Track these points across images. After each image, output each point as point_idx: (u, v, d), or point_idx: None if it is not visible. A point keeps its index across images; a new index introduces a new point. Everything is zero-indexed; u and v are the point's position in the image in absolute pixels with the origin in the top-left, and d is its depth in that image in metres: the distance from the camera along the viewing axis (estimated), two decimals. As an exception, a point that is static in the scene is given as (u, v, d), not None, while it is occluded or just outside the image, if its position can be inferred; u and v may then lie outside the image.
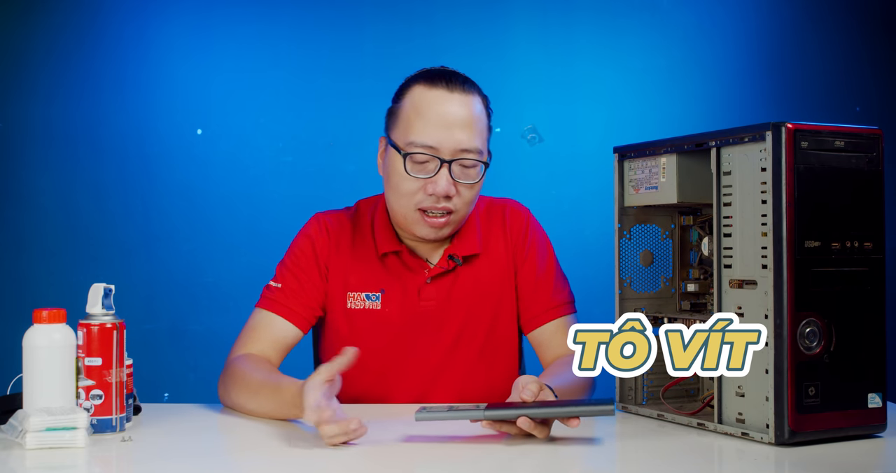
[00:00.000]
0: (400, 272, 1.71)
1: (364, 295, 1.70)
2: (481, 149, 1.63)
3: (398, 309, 1.69)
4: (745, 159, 1.34)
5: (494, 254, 1.74)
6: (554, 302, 1.72)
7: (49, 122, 2.89)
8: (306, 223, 1.77)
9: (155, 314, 2.88)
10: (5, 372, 1.48)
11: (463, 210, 1.65)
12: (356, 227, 1.75)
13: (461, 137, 1.60)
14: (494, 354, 1.72)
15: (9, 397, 1.44)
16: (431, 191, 1.60)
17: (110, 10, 2.91)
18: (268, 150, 2.94)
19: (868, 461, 1.26)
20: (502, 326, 1.73)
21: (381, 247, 1.70)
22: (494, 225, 1.76)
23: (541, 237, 1.78)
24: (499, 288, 1.73)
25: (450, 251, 1.71)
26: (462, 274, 1.72)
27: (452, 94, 1.62)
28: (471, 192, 1.64)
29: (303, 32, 2.97)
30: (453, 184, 1.61)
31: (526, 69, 2.98)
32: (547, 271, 1.74)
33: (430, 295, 1.70)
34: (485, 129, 1.66)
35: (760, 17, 3.13)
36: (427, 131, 1.60)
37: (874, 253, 1.34)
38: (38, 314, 1.38)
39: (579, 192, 2.94)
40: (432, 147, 1.60)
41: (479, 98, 1.66)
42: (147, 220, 2.90)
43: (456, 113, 1.61)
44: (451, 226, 1.66)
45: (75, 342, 1.38)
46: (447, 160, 1.60)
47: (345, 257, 1.72)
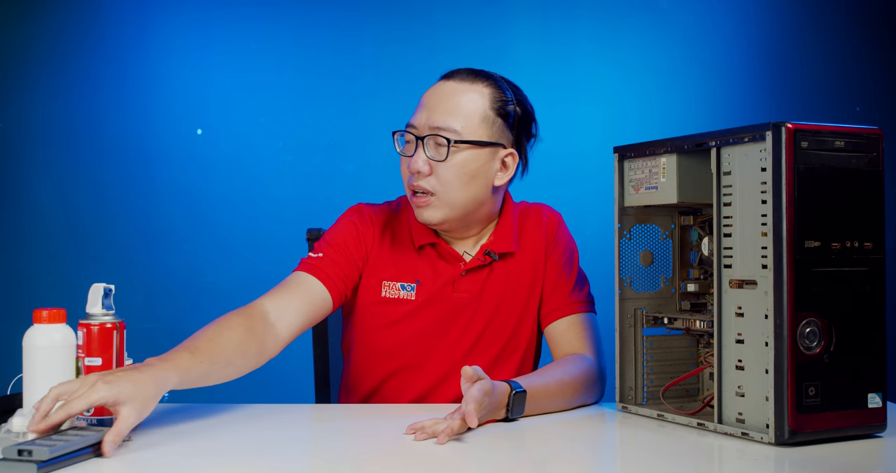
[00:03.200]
0: (436, 263, 1.73)
1: (399, 284, 1.73)
2: (457, 128, 1.64)
3: (432, 299, 1.72)
4: (746, 159, 1.34)
5: (529, 254, 1.76)
6: (570, 299, 1.73)
7: (49, 122, 2.89)
8: (348, 210, 1.79)
9: (155, 314, 2.88)
10: (5, 372, 1.48)
11: (446, 193, 1.65)
12: (396, 220, 1.78)
13: (435, 115, 1.64)
14: (516, 349, 1.75)
15: (9, 397, 1.44)
16: (411, 169, 1.65)
17: (110, 11, 2.91)
18: (268, 150, 2.94)
19: (868, 461, 1.26)
20: (527, 323, 1.76)
21: (418, 240, 1.73)
22: (531, 226, 1.79)
23: (568, 239, 1.81)
24: (529, 287, 1.75)
25: (486, 247, 1.73)
26: (496, 270, 1.74)
27: (447, 82, 1.68)
28: (450, 172, 1.64)
29: (303, 32, 2.97)
30: (426, 162, 1.64)
31: (526, 69, 2.97)
32: (568, 269, 1.77)
33: (464, 287, 1.73)
34: (476, 114, 1.65)
35: (760, 17, 3.13)
36: (414, 114, 1.68)
37: (874, 253, 1.34)
38: (38, 314, 1.38)
39: (579, 192, 2.94)
40: (412, 125, 1.67)
41: (481, 87, 1.67)
42: (147, 220, 2.90)
43: (440, 96, 1.66)
44: (439, 211, 1.66)
45: (75, 342, 1.38)
46: (420, 137, 1.65)
47: (384, 247, 1.75)
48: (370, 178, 2.93)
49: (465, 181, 1.66)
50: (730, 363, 1.36)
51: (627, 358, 1.57)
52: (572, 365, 1.63)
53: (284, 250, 1.81)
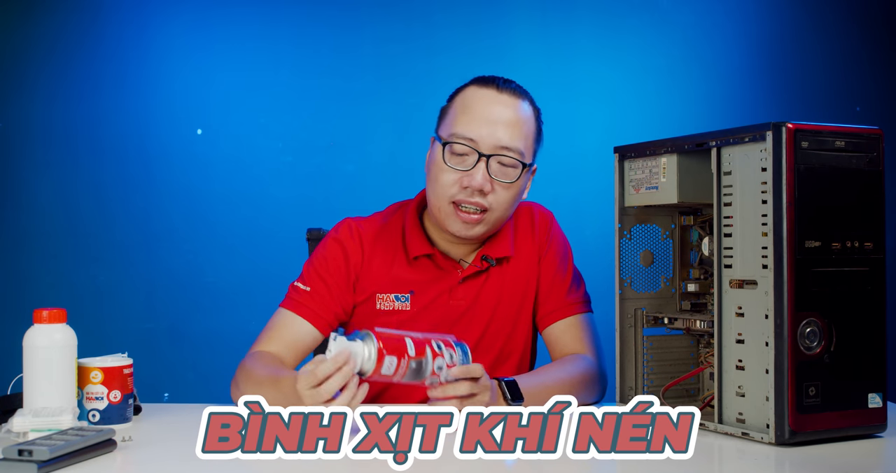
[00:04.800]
0: (432, 273, 1.72)
1: (393, 296, 1.71)
2: (523, 150, 1.64)
3: (427, 309, 1.71)
4: (746, 159, 1.34)
5: (523, 257, 1.76)
6: (567, 300, 1.73)
7: (49, 122, 2.89)
8: (335, 228, 1.77)
9: (155, 314, 2.88)
10: (5, 372, 1.48)
11: (499, 211, 1.65)
12: (387, 232, 1.75)
13: (502, 134, 1.62)
14: (513, 352, 1.74)
15: (9, 397, 1.44)
16: (467, 184, 1.62)
17: (110, 11, 2.91)
18: (268, 150, 2.94)
19: (868, 461, 1.26)
20: (523, 325, 1.75)
21: (413, 251, 1.71)
22: (523, 226, 1.78)
23: (561, 238, 1.80)
24: (523, 290, 1.75)
25: (483, 252, 1.72)
26: (492, 276, 1.74)
27: (501, 95, 1.65)
28: (507, 193, 1.65)
29: (303, 32, 2.97)
30: (489, 181, 1.62)
31: (526, 69, 2.97)
32: (563, 270, 1.76)
33: (461, 294, 1.72)
34: (531, 135, 1.67)
35: (760, 17, 3.13)
36: (470, 125, 1.63)
37: (874, 253, 1.34)
38: (38, 314, 1.38)
39: (579, 192, 2.94)
40: (472, 139, 1.62)
41: (529, 104, 1.69)
42: (147, 220, 2.90)
43: (501, 111, 1.64)
44: (485, 227, 1.66)
45: (75, 342, 1.38)
46: (486, 154, 1.61)
47: (374, 262, 1.73)
48: (370, 178, 2.93)
49: (515, 201, 1.69)
50: (730, 363, 1.36)
51: (627, 358, 1.57)
52: (572, 365, 1.63)
53: (284, 250, 1.81)
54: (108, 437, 1.27)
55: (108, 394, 1.44)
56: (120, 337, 2.80)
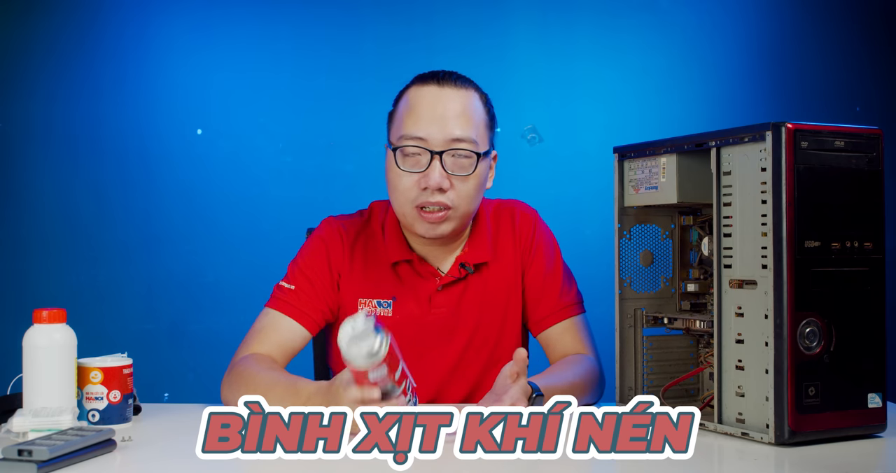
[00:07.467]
0: (411, 280, 1.70)
1: (375, 301, 1.70)
2: (475, 139, 1.61)
3: (409, 316, 1.69)
4: (745, 159, 1.34)
5: (504, 260, 1.73)
6: (561, 303, 1.72)
7: (49, 122, 2.89)
8: (319, 226, 1.76)
9: (155, 314, 2.88)
10: (5, 372, 1.48)
11: (463, 206, 1.63)
12: (368, 234, 1.73)
13: (452, 127, 1.59)
14: (501, 357, 1.71)
15: (9, 397, 1.44)
16: (425, 185, 1.59)
17: (110, 11, 2.91)
18: (268, 150, 2.94)
19: (868, 461, 1.26)
20: (510, 330, 1.73)
21: (392, 256, 1.69)
22: (504, 228, 1.75)
23: (548, 239, 1.77)
24: (506, 294, 1.72)
25: (461, 259, 1.71)
26: (472, 282, 1.71)
27: (443, 89, 1.62)
28: (468, 186, 1.62)
29: (303, 32, 2.97)
30: (447, 177, 1.59)
31: (526, 69, 2.97)
32: (554, 273, 1.73)
33: (442, 302, 1.70)
34: (481, 122, 1.64)
35: (760, 17, 3.13)
36: (418, 124, 1.60)
37: (874, 253, 1.34)
38: (38, 314, 1.38)
39: (579, 192, 2.94)
40: (422, 138, 1.60)
41: (474, 92, 1.65)
42: (147, 220, 2.90)
43: (445, 105, 1.61)
44: (452, 223, 1.64)
45: (75, 342, 1.38)
46: (437, 151, 1.59)
47: (357, 264, 1.71)
48: (370, 178, 2.92)
49: (479, 192, 1.65)
50: (730, 363, 1.36)
51: (627, 358, 1.57)
52: (579, 366, 1.62)
53: (284, 250, 1.80)
54: (108, 437, 1.27)
55: (107, 394, 1.44)
56: (120, 337, 2.80)
